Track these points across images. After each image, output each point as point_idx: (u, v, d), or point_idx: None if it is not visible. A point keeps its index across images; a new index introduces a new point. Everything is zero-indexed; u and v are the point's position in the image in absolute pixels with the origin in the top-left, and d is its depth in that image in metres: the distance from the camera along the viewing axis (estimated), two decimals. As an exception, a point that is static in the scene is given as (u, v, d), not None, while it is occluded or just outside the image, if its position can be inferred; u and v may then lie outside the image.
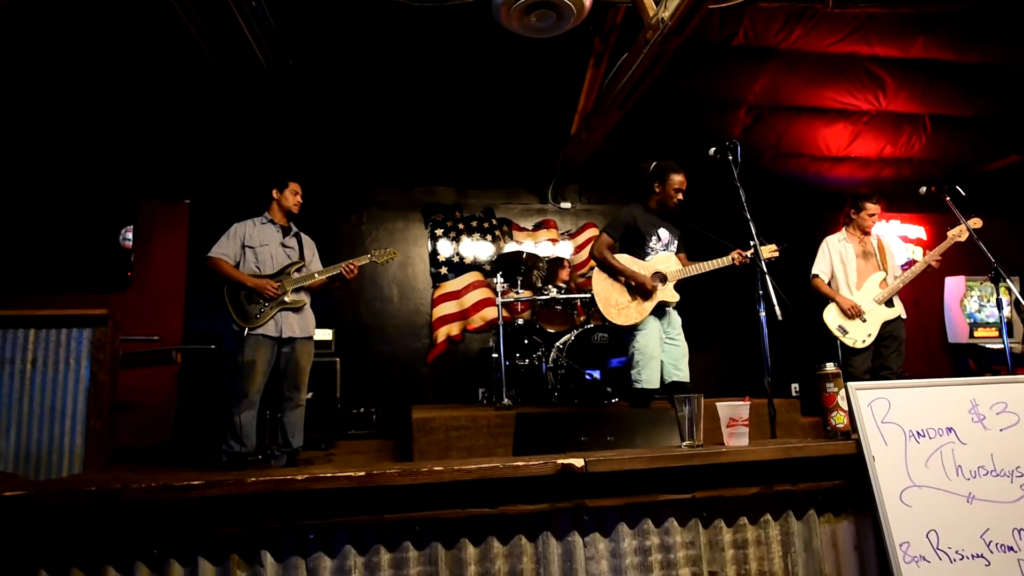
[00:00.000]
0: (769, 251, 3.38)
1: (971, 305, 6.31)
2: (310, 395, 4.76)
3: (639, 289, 3.45)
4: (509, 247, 6.11)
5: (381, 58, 4.76)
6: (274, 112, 5.24)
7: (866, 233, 4.09)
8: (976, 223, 3.58)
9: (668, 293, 3.48)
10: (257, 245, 3.59)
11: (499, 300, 4.61)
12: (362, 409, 5.52)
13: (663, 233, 3.61)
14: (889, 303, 3.87)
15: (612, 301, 3.50)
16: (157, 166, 5.70)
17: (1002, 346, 6.25)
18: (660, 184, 3.57)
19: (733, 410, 1.67)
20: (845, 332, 3.79)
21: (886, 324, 3.82)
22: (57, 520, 1.33)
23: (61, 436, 3.53)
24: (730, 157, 2.74)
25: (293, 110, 5.24)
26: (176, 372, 5.30)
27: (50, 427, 3.50)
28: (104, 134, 5.26)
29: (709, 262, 3.44)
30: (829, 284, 4.03)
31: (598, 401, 4.36)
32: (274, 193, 3.77)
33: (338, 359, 4.93)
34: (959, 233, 3.68)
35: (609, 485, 1.49)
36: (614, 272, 3.52)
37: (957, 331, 6.28)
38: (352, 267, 3.61)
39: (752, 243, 2.59)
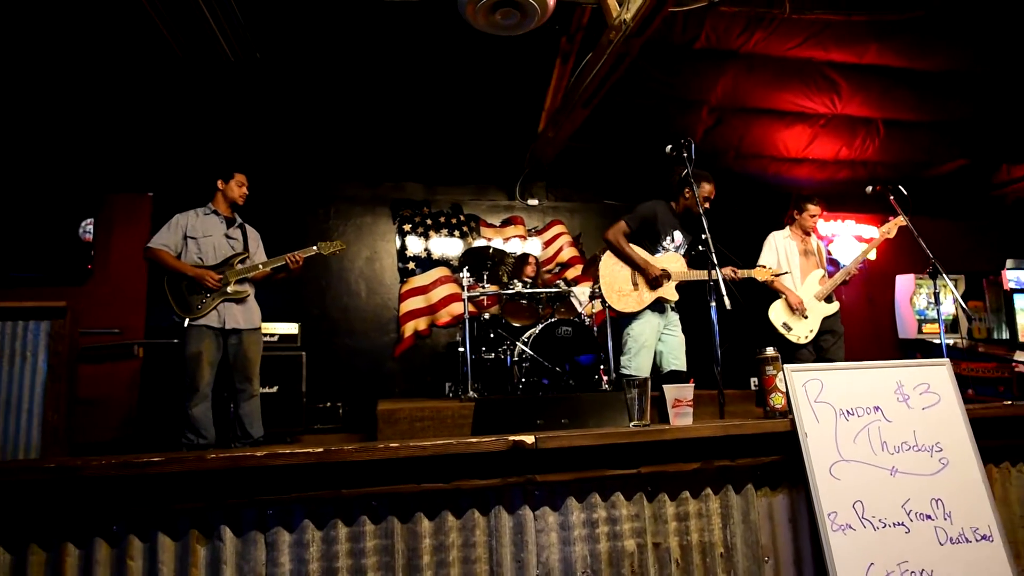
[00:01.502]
0: (767, 274, 3.60)
1: (920, 302, 6.59)
2: (274, 388, 4.78)
3: (645, 279, 3.48)
4: (477, 243, 6.18)
5: (350, 53, 4.77)
6: (241, 105, 5.21)
7: (807, 233, 4.25)
8: (901, 221, 3.74)
9: (669, 291, 3.51)
10: (200, 236, 3.57)
11: (465, 294, 4.67)
12: (328, 403, 5.54)
13: (677, 235, 3.64)
14: (828, 299, 4.03)
15: (616, 286, 3.50)
16: (120, 158, 5.61)
17: (948, 341, 6.55)
18: (691, 190, 3.50)
19: (678, 391, 1.77)
20: (789, 329, 3.94)
21: (826, 319, 3.98)
22: (16, 498, 1.35)
23: (17, 430, 3.46)
24: (685, 154, 2.84)
25: (260, 104, 5.22)
26: (138, 366, 5.24)
27: (5, 420, 3.43)
28: (65, 124, 5.17)
29: (712, 270, 3.51)
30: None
31: (561, 391, 4.45)
32: (219, 184, 3.74)
33: (304, 353, 4.93)
34: (888, 230, 3.86)
35: (559, 461, 1.56)
36: (624, 258, 3.53)
37: (907, 327, 6.56)
38: (296, 258, 3.60)
39: (704, 236, 2.70)
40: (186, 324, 3.40)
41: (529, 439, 1.51)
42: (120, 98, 4.97)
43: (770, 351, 1.85)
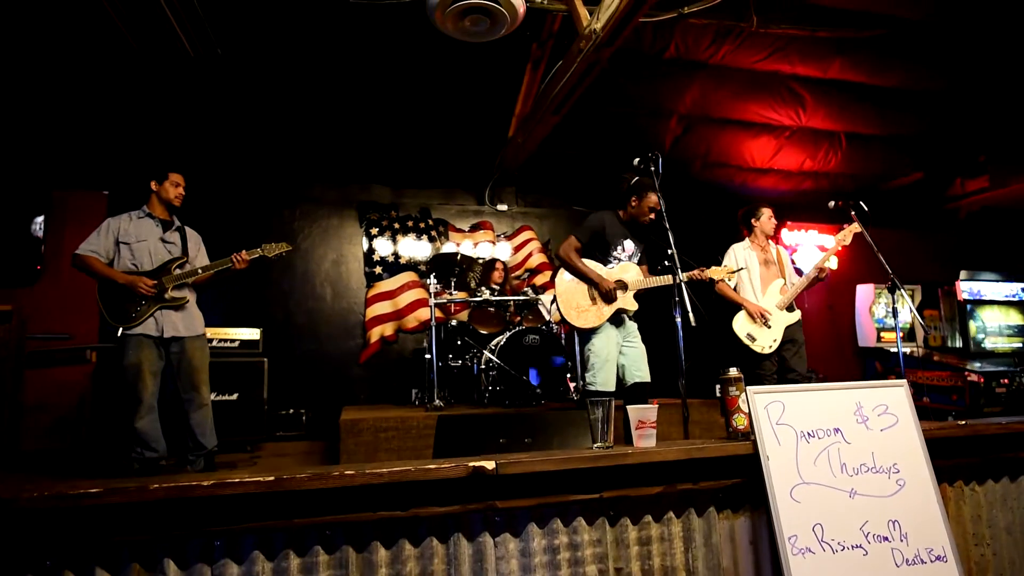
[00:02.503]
0: (725, 272, 3.52)
1: (879, 311, 6.76)
2: (234, 396, 4.65)
3: (600, 293, 3.47)
4: (445, 248, 6.12)
5: (317, 52, 4.67)
6: (202, 102, 5.06)
7: (768, 239, 4.30)
8: (856, 228, 3.82)
9: (628, 301, 3.49)
10: (133, 240, 3.41)
11: (432, 301, 4.61)
12: (291, 410, 5.41)
13: (628, 244, 3.63)
14: (790, 308, 4.09)
15: (573, 303, 3.49)
16: (74, 153, 5.40)
17: (905, 350, 6.73)
18: (637, 199, 3.54)
19: (641, 413, 1.75)
20: (753, 339, 3.99)
21: (788, 328, 4.04)
22: (-62, 532, 1.26)
23: (-44, 440, 3.31)
24: (652, 168, 2.83)
25: (223, 101, 5.08)
26: (91, 372, 5.04)
27: (-56, 430, 3.27)
28: (15, 117, 4.94)
29: (667, 276, 3.43)
30: (735, 290, 4.22)
31: (528, 403, 4.43)
32: (152, 185, 3.56)
33: (266, 359, 4.80)
34: (844, 237, 3.92)
35: (520, 487, 1.53)
36: (578, 274, 3.52)
37: (866, 335, 6.72)
38: (241, 258, 3.45)
39: (669, 252, 2.69)
40: (120, 333, 3.26)
41: (490, 464, 1.47)
42: (74, 92, 4.78)
43: (733, 372, 1.85)
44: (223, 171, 5.69)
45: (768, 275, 4.15)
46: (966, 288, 6.74)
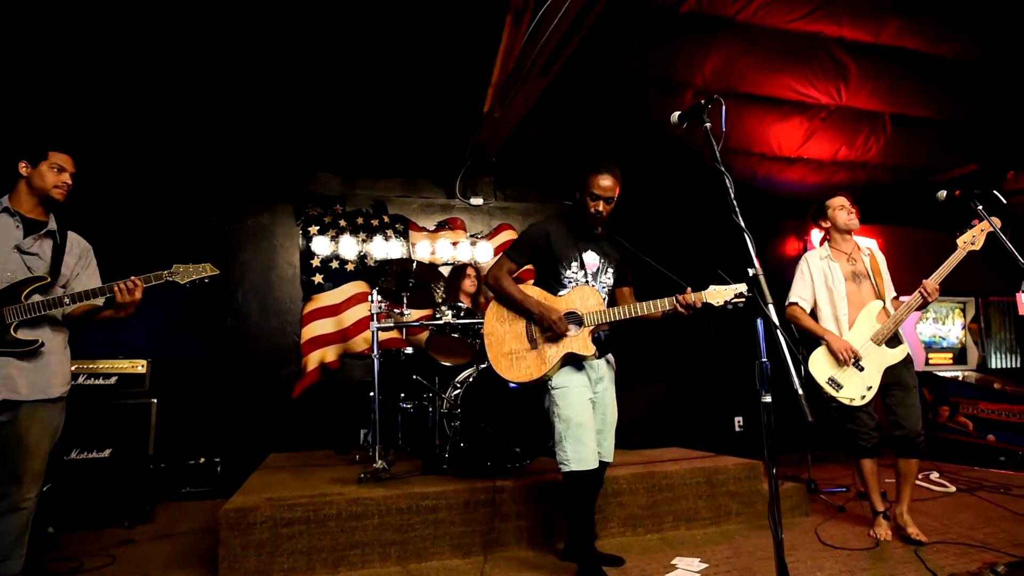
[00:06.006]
0: (731, 293, 2.31)
1: (926, 329, 5.70)
2: (105, 453, 3.47)
3: (542, 327, 2.46)
4: (404, 251, 4.95)
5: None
6: (82, 60, 3.87)
7: (848, 235, 3.15)
8: (989, 226, 2.78)
9: (580, 343, 2.44)
10: None
11: (374, 325, 3.45)
12: (202, 460, 4.25)
13: (590, 257, 2.58)
14: (892, 341, 2.97)
15: (505, 347, 2.50)
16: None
17: (956, 374, 5.67)
18: (580, 191, 2.55)
19: None
20: (838, 387, 2.87)
21: (890, 370, 2.92)
22: None
23: None
24: (708, 124, 1.70)
25: (111, 61, 3.88)
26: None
27: None
28: None
29: (645, 304, 2.41)
30: (812, 316, 3.09)
31: (503, 467, 3.28)
32: (21, 167, 2.31)
33: (155, 400, 3.63)
34: (971, 240, 2.84)
35: None
36: (512, 303, 2.53)
37: (914, 358, 5.64)
38: (130, 287, 2.24)
39: (752, 272, 1.53)
40: None
41: None
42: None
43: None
44: (115, 155, 4.50)
45: (859, 295, 3.01)
46: (1030, 301, 5.70)
